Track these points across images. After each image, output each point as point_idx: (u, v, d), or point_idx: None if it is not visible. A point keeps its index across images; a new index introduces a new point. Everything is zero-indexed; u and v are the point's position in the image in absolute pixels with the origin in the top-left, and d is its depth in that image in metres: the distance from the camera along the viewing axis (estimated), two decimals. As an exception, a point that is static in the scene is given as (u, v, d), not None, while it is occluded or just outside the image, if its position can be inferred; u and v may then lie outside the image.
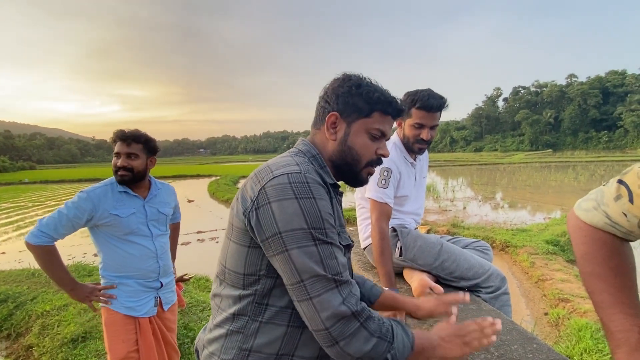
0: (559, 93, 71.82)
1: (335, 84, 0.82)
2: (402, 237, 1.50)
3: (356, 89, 0.80)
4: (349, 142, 0.81)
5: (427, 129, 1.46)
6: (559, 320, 3.81)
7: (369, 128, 0.81)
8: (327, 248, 0.69)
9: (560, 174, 23.06)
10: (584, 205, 0.70)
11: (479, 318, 0.83)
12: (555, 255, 5.78)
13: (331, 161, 0.83)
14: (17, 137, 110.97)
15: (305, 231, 0.68)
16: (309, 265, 0.67)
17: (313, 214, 0.68)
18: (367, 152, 0.82)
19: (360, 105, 0.80)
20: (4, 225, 10.34)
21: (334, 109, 0.81)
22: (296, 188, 0.69)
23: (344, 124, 0.81)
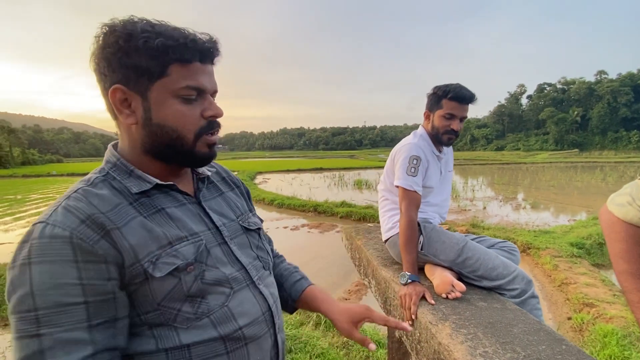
0: (587, 90, 68.86)
1: (98, 44, 0.57)
2: (425, 231, 1.48)
3: (127, 41, 0.55)
4: (156, 119, 0.59)
5: (458, 120, 1.47)
6: (583, 325, 3.69)
7: (174, 89, 0.58)
8: (31, 344, 0.48)
9: (587, 175, 22.18)
10: (618, 200, 0.67)
11: None
12: (580, 258, 5.58)
13: (149, 152, 0.62)
14: (46, 132, 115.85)
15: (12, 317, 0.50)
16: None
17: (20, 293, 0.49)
18: (188, 122, 0.60)
19: (145, 64, 0.56)
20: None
21: (114, 80, 0.57)
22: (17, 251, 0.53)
23: (137, 97, 0.58)
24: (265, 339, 0.66)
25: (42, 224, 0.52)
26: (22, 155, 48.70)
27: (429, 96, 1.55)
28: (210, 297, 0.60)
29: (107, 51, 0.56)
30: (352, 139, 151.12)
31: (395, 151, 1.57)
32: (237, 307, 0.63)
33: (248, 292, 0.65)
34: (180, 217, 0.62)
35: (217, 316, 0.60)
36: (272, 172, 27.59)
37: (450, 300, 1.22)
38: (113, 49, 0.56)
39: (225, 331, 0.60)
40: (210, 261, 0.62)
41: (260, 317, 0.66)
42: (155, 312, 0.57)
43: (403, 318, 1.24)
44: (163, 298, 0.56)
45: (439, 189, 1.59)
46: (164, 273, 0.56)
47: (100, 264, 0.52)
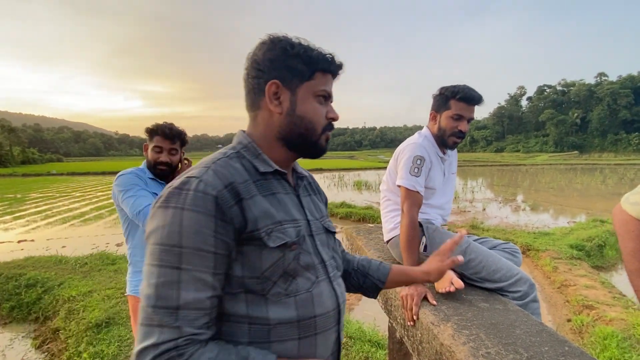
0: (587, 92, 68.92)
1: (264, 48, 0.71)
2: (427, 232, 1.47)
3: (291, 49, 0.70)
4: (298, 111, 0.72)
5: (465, 121, 1.47)
6: (583, 327, 3.69)
7: (315, 91, 0.72)
8: (171, 273, 0.57)
9: (587, 177, 22.20)
10: (633, 199, 0.66)
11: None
12: (579, 260, 5.59)
13: (281, 139, 0.73)
14: (46, 131, 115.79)
15: (155, 247, 0.59)
16: (145, 288, 0.59)
17: (170, 230, 0.59)
18: (320, 118, 0.73)
19: (299, 67, 0.70)
20: (33, 214, 10.82)
21: (271, 77, 0.70)
22: (170, 196, 0.61)
23: (287, 92, 0.71)
24: (331, 333, 0.73)
25: (196, 179, 0.62)
26: (22, 154, 48.69)
27: (435, 97, 1.53)
28: (299, 279, 0.68)
29: (273, 53, 0.70)
30: (351, 139, 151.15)
31: (398, 151, 1.56)
32: (317, 296, 0.70)
33: (326, 286, 0.73)
34: (286, 203, 0.72)
35: (301, 298, 0.68)
36: (272, 172, 27.53)
37: (452, 302, 1.21)
38: (277, 52, 0.70)
39: (303, 315, 0.67)
40: (305, 247, 0.71)
41: (332, 312, 0.72)
42: (257, 279, 0.64)
43: (404, 319, 1.24)
44: (267, 268, 0.65)
45: (441, 191, 1.58)
46: (276, 245, 0.65)
47: (229, 225, 0.62)
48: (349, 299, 4.57)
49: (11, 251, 6.69)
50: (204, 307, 0.59)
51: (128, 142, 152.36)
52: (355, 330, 3.12)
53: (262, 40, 0.72)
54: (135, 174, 1.67)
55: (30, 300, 3.96)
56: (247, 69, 0.73)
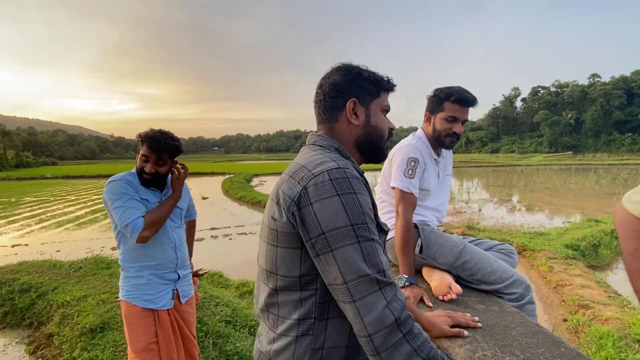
0: (581, 93, 69.59)
1: (340, 73, 0.86)
2: (423, 233, 1.47)
3: (363, 74, 0.86)
4: (372, 122, 0.87)
5: (460, 123, 1.47)
6: (579, 327, 3.70)
7: (382, 106, 0.88)
8: (370, 245, 0.68)
9: (581, 177, 22.37)
10: (635, 197, 0.65)
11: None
12: (575, 260, 5.61)
13: (357, 146, 0.87)
14: (40, 134, 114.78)
15: (348, 228, 0.67)
16: (353, 265, 0.65)
17: (355, 210, 0.68)
18: (386, 128, 0.89)
19: (370, 88, 0.86)
20: (28, 219, 10.70)
21: (350, 96, 0.85)
22: (337, 184, 0.69)
23: (362, 108, 0.86)
24: None
25: (341, 169, 0.72)
26: (16, 157, 48.21)
27: (429, 98, 1.54)
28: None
29: (349, 77, 0.86)
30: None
31: (392, 153, 1.56)
32: None
33: None
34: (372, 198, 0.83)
35: None
36: (268, 174, 27.52)
37: (449, 304, 1.21)
38: (353, 77, 0.86)
39: None
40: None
41: None
42: None
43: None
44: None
45: (436, 193, 1.58)
46: (386, 228, 0.81)
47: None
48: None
49: (5, 256, 6.61)
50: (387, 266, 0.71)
51: (124, 145, 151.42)
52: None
53: (336, 67, 0.88)
54: (126, 179, 1.64)
55: (24, 306, 3.90)
56: (323, 90, 0.87)
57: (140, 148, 1.67)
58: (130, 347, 1.63)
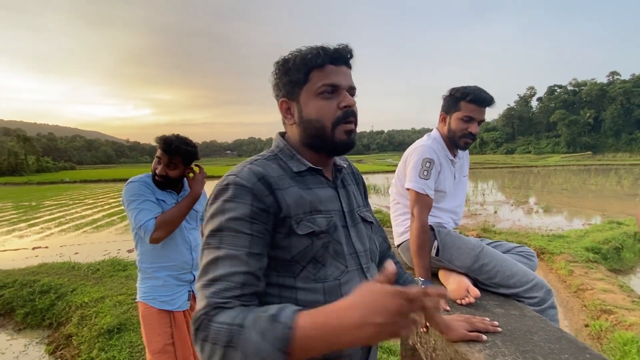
0: (600, 92, 67.67)
1: (273, 74, 0.80)
2: (439, 236, 1.44)
3: (284, 65, 0.77)
4: (305, 116, 0.76)
5: (476, 123, 1.43)
6: (601, 332, 3.58)
7: (315, 90, 0.74)
8: (213, 253, 0.65)
9: (601, 178, 21.70)
10: None
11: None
12: (596, 263, 5.44)
13: (305, 144, 0.79)
14: (60, 140, 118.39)
15: (206, 234, 0.68)
16: (200, 268, 0.66)
17: (215, 218, 0.68)
18: (326, 113, 0.75)
19: (295, 76, 0.75)
20: (48, 222, 11.02)
21: (280, 96, 0.79)
22: (215, 192, 0.71)
23: (294, 104, 0.78)
24: None
25: (234, 176, 0.70)
26: (37, 162, 49.81)
27: (445, 98, 1.51)
28: (329, 267, 0.72)
29: (276, 75, 0.78)
30: (359, 143, 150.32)
31: (407, 153, 1.53)
32: (346, 284, 0.72)
33: (357, 276, 0.75)
34: (321, 196, 0.77)
35: (328, 286, 0.71)
36: (280, 177, 27.61)
37: (467, 308, 1.18)
38: (279, 73, 0.78)
39: (330, 302, 0.65)
40: (336, 237, 0.75)
41: None
42: (288, 262, 0.70)
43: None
44: (297, 253, 0.70)
45: (452, 194, 1.54)
46: (304, 232, 0.70)
47: (264, 212, 0.69)
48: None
49: (26, 258, 6.81)
50: (235, 281, 0.63)
51: (139, 150, 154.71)
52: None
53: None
54: (144, 181, 1.68)
55: (44, 307, 4.01)
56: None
57: (157, 151, 1.71)
58: (147, 348, 1.65)
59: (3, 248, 7.83)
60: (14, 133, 63.91)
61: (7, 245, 8.13)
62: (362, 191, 0.93)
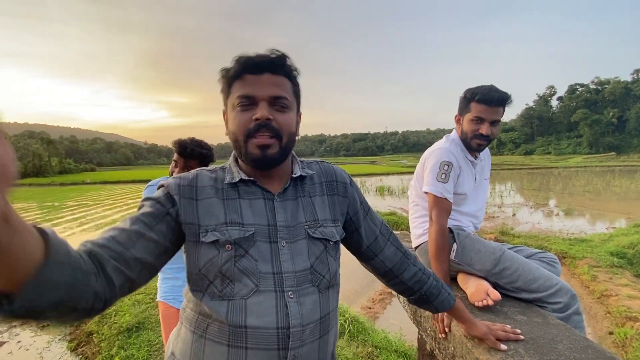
0: (624, 90, 65.24)
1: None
2: (459, 239, 1.41)
3: (221, 75, 0.75)
4: (229, 128, 0.75)
5: (487, 124, 1.39)
6: (626, 340, 3.44)
7: (233, 102, 0.72)
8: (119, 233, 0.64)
9: (626, 180, 20.88)
10: None
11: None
12: (621, 268, 5.23)
13: (238, 156, 0.76)
14: (81, 142, 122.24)
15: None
16: None
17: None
18: (240, 125, 0.71)
19: (222, 88, 0.75)
20: (69, 222, 11.37)
21: (224, 106, 0.77)
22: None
23: (226, 115, 0.77)
24: (270, 356, 0.66)
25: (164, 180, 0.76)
26: (60, 164, 51.53)
27: (460, 99, 1.49)
28: (237, 284, 0.67)
29: (220, 84, 0.76)
30: (373, 144, 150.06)
31: (425, 156, 1.51)
32: (253, 305, 0.66)
33: (271, 299, 0.67)
34: (247, 208, 0.72)
35: (234, 304, 0.67)
36: (294, 178, 27.71)
37: (487, 314, 1.15)
38: (222, 83, 0.75)
39: (232, 321, 0.66)
40: (252, 252, 0.69)
41: (272, 331, 0.66)
42: (197, 275, 0.70)
43: (435, 331, 1.19)
44: (204, 265, 0.68)
45: (472, 197, 1.51)
46: (208, 240, 0.68)
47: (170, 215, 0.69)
48: (373, 307, 4.47)
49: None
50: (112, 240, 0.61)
51: (156, 152, 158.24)
52: (381, 339, 3.05)
53: None
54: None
55: (67, 304, 4.13)
56: None
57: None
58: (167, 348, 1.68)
59: (28, 247, 8.13)
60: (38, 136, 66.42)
61: (32, 244, 8.43)
62: (339, 203, 0.82)
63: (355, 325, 3.25)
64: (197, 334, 0.70)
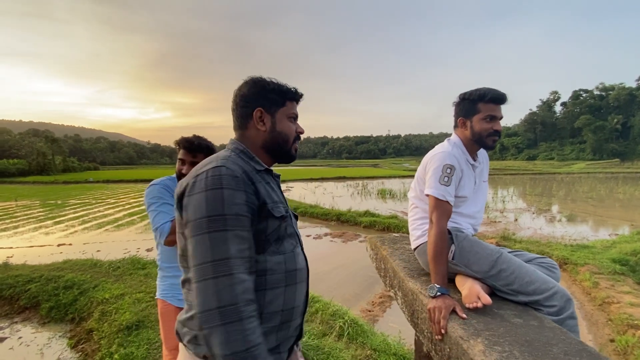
0: (628, 97, 64.96)
1: (248, 86, 0.99)
2: (457, 240, 1.42)
3: (268, 86, 0.98)
4: (278, 129, 0.99)
5: (499, 121, 1.45)
6: (628, 348, 3.41)
7: (288, 114, 1.01)
8: (219, 235, 0.79)
9: (630, 186, 20.77)
10: None
11: None
12: (623, 276, 5.20)
13: (264, 148, 1.00)
14: (85, 141, 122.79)
15: (202, 220, 0.80)
16: (199, 252, 0.79)
17: (214, 204, 0.80)
18: (292, 132, 1.02)
19: (275, 98, 0.99)
20: (72, 220, 11.44)
21: (257, 105, 0.98)
22: (209, 181, 0.82)
23: (268, 116, 0.99)
24: (303, 286, 0.99)
25: (219, 167, 0.85)
26: (63, 163, 51.77)
27: (458, 104, 1.51)
28: (286, 243, 0.95)
29: (254, 90, 0.98)
30: (375, 147, 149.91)
31: (427, 158, 1.52)
32: (297, 256, 0.97)
33: (299, 250, 1.00)
34: (275, 190, 0.99)
35: (287, 256, 0.94)
36: (295, 180, 27.80)
37: (483, 317, 1.15)
38: (259, 89, 0.98)
39: (288, 268, 0.93)
40: (288, 221, 0.97)
41: (304, 270, 1.00)
42: (262, 240, 0.89)
43: (431, 332, 1.19)
44: (270, 232, 0.90)
45: (472, 200, 1.52)
46: (279, 215, 0.92)
47: (251, 196, 0.86)
48: (373, 309, 4.48)
49: (51, 254, 7.09)
50: (244, 256, 0.81)
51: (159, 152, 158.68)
52: (379, 342, 3.04)
53: (246, 80, 1.00)
54: (164, 184, 1.73)
55: (67, 302, 4.16)
56: (235, 101, 1.00)
57: (178, 153, 1.76)
58: (165, 345, 1.69)
59: (30, 244, 8.18)
60: (43, 134, 66.78)
61: (34, 241, 8.49)
62: None
63: (355, 327, 3.24)
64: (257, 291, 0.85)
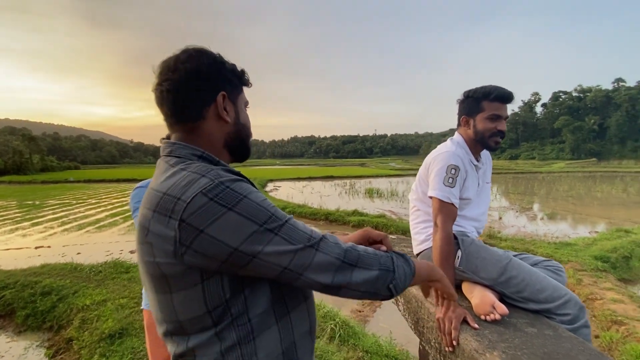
0: (605, 98, 67.36)
1: (201, 60, 0.72)
2: (463, 245, 1.37)
3: (225, 64, 0.75)
4: (242, 120, 0.79)
5: (503, 121, 1.39)
6: (612, 344, 3.48)
7: (246, 102, 0.81)
8: (286, 229, 0.64)
9: (607, 185, 21.51)
10: None
11: None
12: (605, 272, 5.33)
13: (227, 146, 0.77)
14: (64, 139, 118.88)
15: (260, 231, 0.61)
16: (282, 255, 0.62)
17: (255, 212, 0.62)
18: (250, 126, 0.82)
19: (235, 80, 0.77)
20: (51, 221, 11.00)
21: (218, 88, 0.73)
22: (221, 200, 0.60)
23: (231, 103, 0.76)
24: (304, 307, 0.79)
25: (213, 184, 0.62)
26: (42, 161, 49.94)
27: (462, 101, 1.46)
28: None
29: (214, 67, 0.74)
30: (362, 147, 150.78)
31: (430, 159, 1.46)
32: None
33: None
34: None
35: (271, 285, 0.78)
36: (283, 179, 27.61)
37: (495, 326, 1.11)
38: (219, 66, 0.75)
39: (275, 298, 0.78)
40: None
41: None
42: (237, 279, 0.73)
43: (439, 343, 1.14)
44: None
45: (476, 202, 1.47)
46: None
47: None
48: (363, 310, 4.44)
49: (28, 257, 6.77)
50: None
51: (142, 150, 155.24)
52: (371, 344, 3.00)
53: (191, 51, 0.72)
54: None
55: (45, 309, 3.95)
56: (176, 80, 0.70)
57: None
58: (150, 358, 1.59)
59: (6, 247, 7.80)
60: (20, 132, 64.34)
61: (10, 244, 8.10)
62: None
63: (346, 329, 3.19)
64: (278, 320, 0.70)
